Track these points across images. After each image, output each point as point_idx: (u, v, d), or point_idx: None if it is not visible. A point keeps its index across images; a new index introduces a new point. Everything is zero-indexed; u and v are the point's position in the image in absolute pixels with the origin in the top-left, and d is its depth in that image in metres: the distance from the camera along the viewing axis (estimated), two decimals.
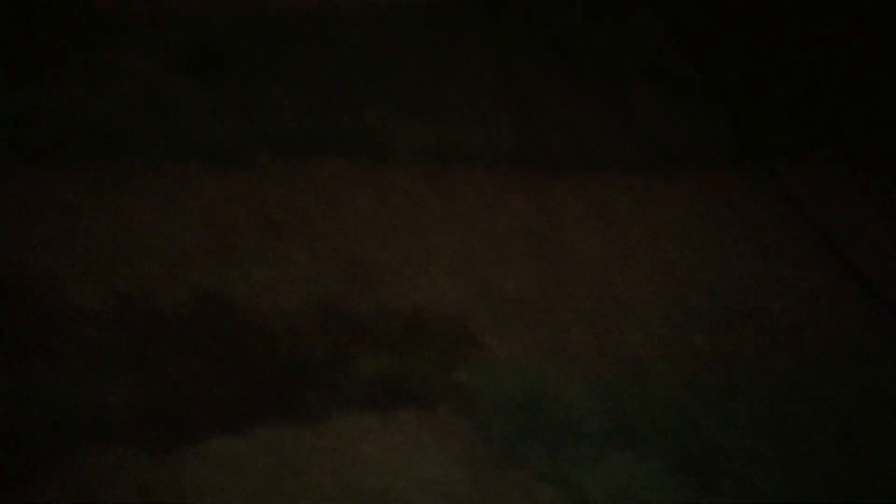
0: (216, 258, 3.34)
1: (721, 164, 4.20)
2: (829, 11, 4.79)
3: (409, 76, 4.22)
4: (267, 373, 2.90)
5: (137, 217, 3.36)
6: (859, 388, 3.07)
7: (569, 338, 3.21)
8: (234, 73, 4.03)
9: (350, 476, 2.61)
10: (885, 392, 3.06)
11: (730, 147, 4.29)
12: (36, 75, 3.76)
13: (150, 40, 4.02)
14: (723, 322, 3.37)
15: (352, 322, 3.16)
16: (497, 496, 2.58)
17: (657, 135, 4.25)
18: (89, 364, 2.76)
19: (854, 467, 2.75)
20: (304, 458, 2.65)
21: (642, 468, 2.64)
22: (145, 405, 2.71)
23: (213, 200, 3.63)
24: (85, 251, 3.16)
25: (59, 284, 3.01)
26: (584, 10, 4.77)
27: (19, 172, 3.40)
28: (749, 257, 3.72)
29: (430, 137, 4.02)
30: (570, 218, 3.76)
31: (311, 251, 3.45)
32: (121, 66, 3.89)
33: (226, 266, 3.30)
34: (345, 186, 3.75)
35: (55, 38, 3.94)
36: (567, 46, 4.56)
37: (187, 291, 3.15)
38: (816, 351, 3.27)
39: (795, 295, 3.56)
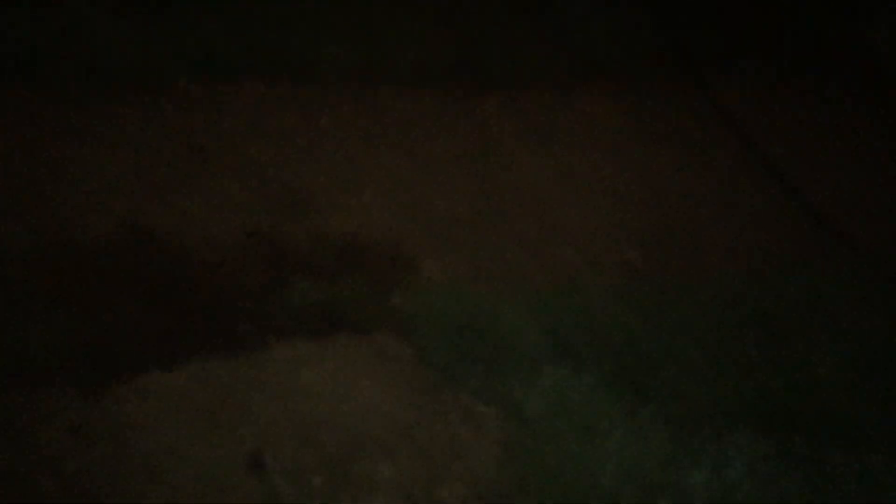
0: (139, 188, 3.24)
1: (651, 75, 4.19)
2: None
3: None
4: (198, 305, 2.84)
5: (53, 149, 3.22)
6: (781, 292, 3.15)
7: (504, 257, 3.22)
8: None
9: (290, 404, 2.60)
10: (803, 295, 3.15)
11: (661, 60, 4.27)
12: None
13: None
14: (655, 236, 3.41)
15: (284, 250, 3.10)
16: (436, 417, 2.60)
17: (590, 49, 4.20)
18: (9, 305, 2.66)
19: (775, 365, 2.84)
20: (242, 389, 2.62)
21: (578, 382, 2.68)
22: (73, 344, 2.63)
23: (133, 128, 3.50)
24: None
25: None
26: None
27: None
28: (681, 171, 3.75)
29: (358, 58, 3.91)
30: (505, 137, 3.72)
31: (238, 178, 3.36)
32: None
33: (150, 196, 3.19)
34: (271, 110, 3.64)
35: None
36: None
37: (111, 224, 3.05)
38: (742, 259, 3.34)
39: (725, 207, 3.61)
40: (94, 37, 3.67)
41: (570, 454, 2.47)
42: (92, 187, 3.18)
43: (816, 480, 2.44)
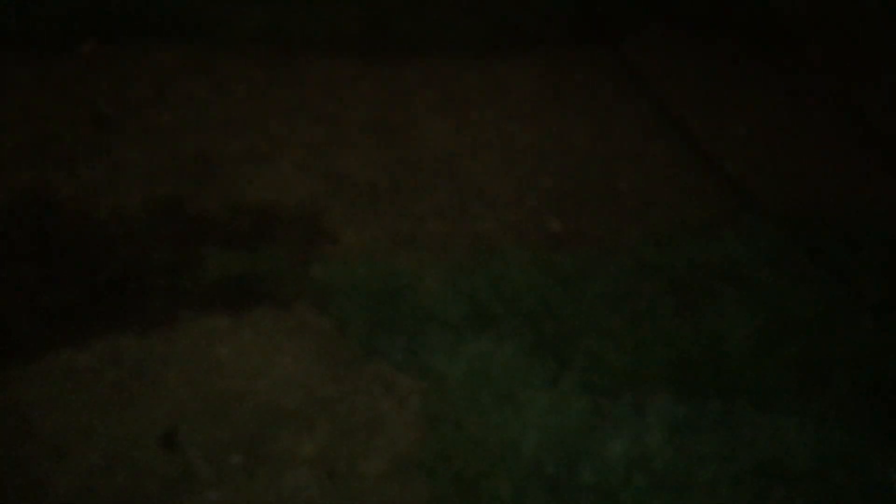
0: (39, 156, 3.09)
1: (563, 41, 4.19)
2: None
3: None
4: (104, 279, 2.73)
5: None
6: (695, 259, 3.21)
7: (423, 226, 3.18)
8: None
9: (205, 380, 2.53)
10: (718, 260, 3.21)
11: (570, 23, 4.27)
12: None
13: None
14: (573, 203, 3.42)
15: (195, 221, 3.00)
16: (357, 390, 2.57)
17: (505, 15, 4.18)
18: None
19: (694, 331, 2.89)
20: (154, 366, 2.54)
21: (500, 351, 2.68)
22: None
23: (33, 95, 3.34)
24: None
25: None
26: None
27: None
28: (596, 137, 3.77)
29: (268, 21, 3.80)
30: (420, 104, 3.68)
31: (145, 146, 3.23)
32: None
33: (50, 165, 3.05)
34: (177, 75, 3.51)
35: None
36: None
37: (7, 194, 2.91)
38: (659, 226, 3.38)
39: (640, 172, 3.65)
40: None
41: (493, 424, 2.47)
42: None
43: (732, 442, 2.50)
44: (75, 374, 2.47)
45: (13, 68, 3.41)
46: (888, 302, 3.08)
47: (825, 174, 3.73)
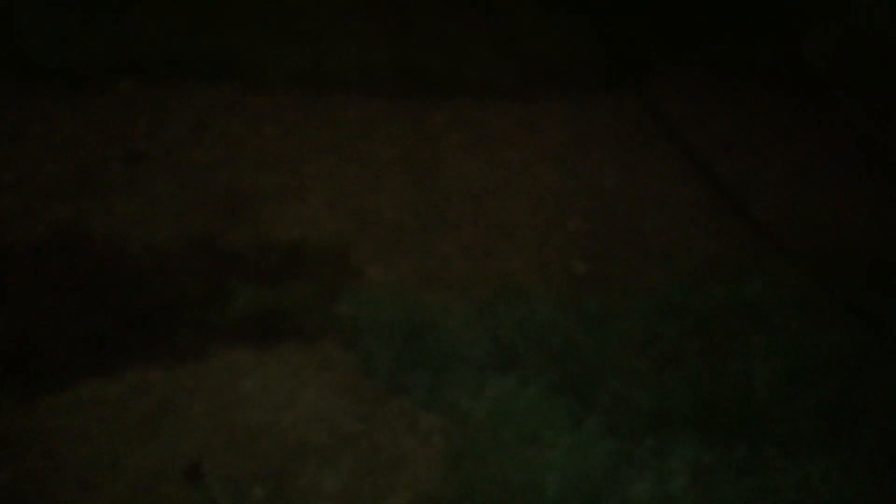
0: (75, 190, 3.16)
1: (593, 84, 4.23)
2: None
3: None
4: (136, 311, 2.78)
5: None
6: (722, 302, 3.19)
7: (449, 265, 3.21)
8: None
9: (231, 414, 2.55)
10: (745, 304, 3.20)
11: (601, 67, 4.32)
12: None
13: None
14: (599, 245, 3.43)
15: (225, 256, 3.05)
16: (381, 426, 2.57)
17: (535, 58, 4.23)
18: None
19: (719, 375, 2.87)
20: (182, 398, 2.56)
21: (524, 391, 2.68)
22: (4, 351, 2.55)
23: (72, 130, 3.42)
24: None
25: None
26: None
27: None
28: (623, 179, 3.78)
29: (302, 62, 3.88)
30: (448, 144, 3.72)
31: (179, 182, 3.30)
32: None
33: (87, 199, 3.12)
34: (213, 114, 3.59)
35: None
36: None
37: (45, 227, 2.97)
38: (684, 269, 3.38)
39: (666, 214, 3.65)
40: (29, 30, 3.58)
41: (516, 463, 2.47)
42: (27, 189, 3.09)
43: (757, 488, 2.47)
44: (104, 405, 2.50)
45: (53, 103, 3.50)
46: None
47: (853, 218, 3.71)
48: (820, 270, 3.37)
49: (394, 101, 3.84)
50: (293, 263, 3.07)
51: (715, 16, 4.52)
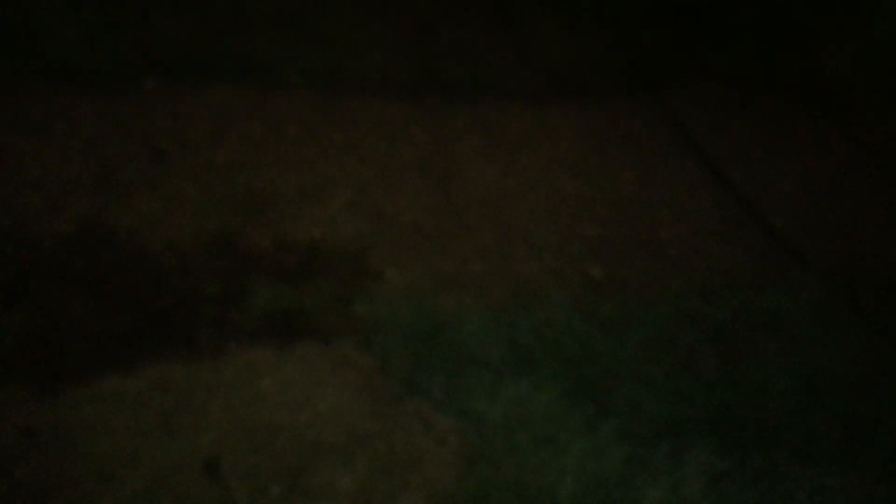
0: (99, 188, 3.19)
1: (611, 92, 4.25)
2: None
3: None
4: (157, 308, 2.80)
5: (10, 145, 3.16)
6: (738, 310, 3.20)
7: (466, 268, 3.22)
8: None
9: (249, 411, 2.57)
10: (761, 312, 3.20)
11: (619, 75, 4.33)
12: None
13: None
14: (615, 251, 3.44)
15: (244, 255, 3.07)
16: (396, 427, 2.59)
17: (553, 66, 4.25)
18: None
19: (735, 383, 2.88)
20: (200, 395, 2.59)
21: (539, 394, 2.69)
22: (28, 345, 2.58)
23: (95, 129, 3.45)
24: None
25: None
26: None
27: None
28: (640, 186, 3.79)
29: (322, 64, 3.91)
30: (467, 148, 3.74)
31: (201, 182, 3.33)
32: None
33: (110, 197, 3.15)
34: (235, 114, 3.62)
35: None
36: None
37: (68, 224, 3.00)
38: (700, 276, 3.39)
39: (683, 222, 3.66)
40: (53, 29, 3.61)
41: (530, 467, 2.48)
42: (51, 186, 3.12)
43: (772, 496, 2.47)
44: (124, 400, 2.53)
45: (78, 102, 3.53)
46: None
47: (871, 230, 3.71)
48: (837, 281, 3.37)
49: (413, 105, 3.86)
50: (312, 264, 3.09)
51: (735, 29, 4.53)
